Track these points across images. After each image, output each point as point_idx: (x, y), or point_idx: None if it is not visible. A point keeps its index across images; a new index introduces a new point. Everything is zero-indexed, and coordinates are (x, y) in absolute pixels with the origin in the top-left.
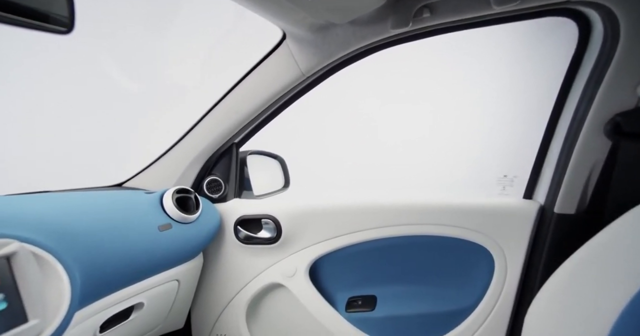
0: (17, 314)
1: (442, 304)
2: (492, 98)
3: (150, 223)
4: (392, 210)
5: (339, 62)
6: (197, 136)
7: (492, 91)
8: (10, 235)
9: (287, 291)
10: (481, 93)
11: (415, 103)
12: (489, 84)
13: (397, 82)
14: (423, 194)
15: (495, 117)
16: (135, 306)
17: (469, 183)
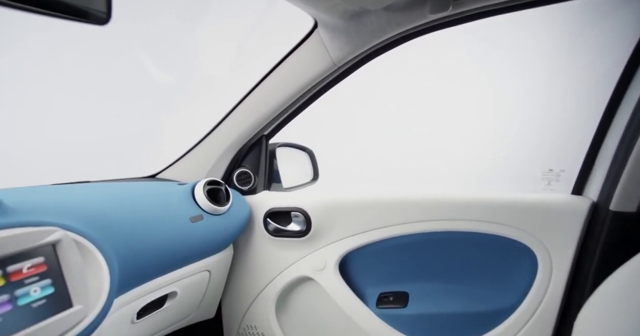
0: (63, 299)
1: (478, 304)
2: (537, 89)
3: (183, 214)
4: (426, 204)
5: (372, 50)
6: (227, 128)
7: (537, 80)
8: (55, 223)
9: (317, 285)
10: (525, 82)
11: (454, 93)
12: (533, 72)
13: (434, 69)
14: (460, 188)
15: (539, 108)
16: (169, 295)
17: (510, 177)
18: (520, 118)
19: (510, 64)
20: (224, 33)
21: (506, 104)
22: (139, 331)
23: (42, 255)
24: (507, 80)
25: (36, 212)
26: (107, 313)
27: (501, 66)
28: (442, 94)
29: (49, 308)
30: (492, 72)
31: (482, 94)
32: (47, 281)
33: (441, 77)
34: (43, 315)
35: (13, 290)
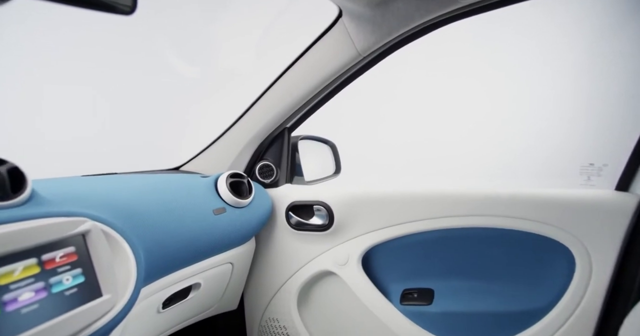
0: (93, 288)
1: (509, 303)
2: (575, 78)
3: (206, 207)
4: (454, 199)
5: (399, 39)
6: (249, 120)
7: (575, 69)
8: (85, 214)
9: (339, 280)
10: (562, 71)
11: (484, 81)
12: (571, 61)
13: (466, 56)
14: (490, 183)
15: (577, 100)
16: (193, 286)
17: (545, 172)
18: (554, 111)
19: (546, 52)
20: (247, 24)
21: (539, 95)
22: (164, 320)
23: (73, 245)
24: (541, 69)
25: (68, 203)
26: (135, 303)
27: (536, 54)
28: (473, 84)
29: (80, 297)
30: (526, 60)
31: (514, 84)
32: (78, 270)
33: (471, 66)
34: (75, 303)
35: (47, 278)
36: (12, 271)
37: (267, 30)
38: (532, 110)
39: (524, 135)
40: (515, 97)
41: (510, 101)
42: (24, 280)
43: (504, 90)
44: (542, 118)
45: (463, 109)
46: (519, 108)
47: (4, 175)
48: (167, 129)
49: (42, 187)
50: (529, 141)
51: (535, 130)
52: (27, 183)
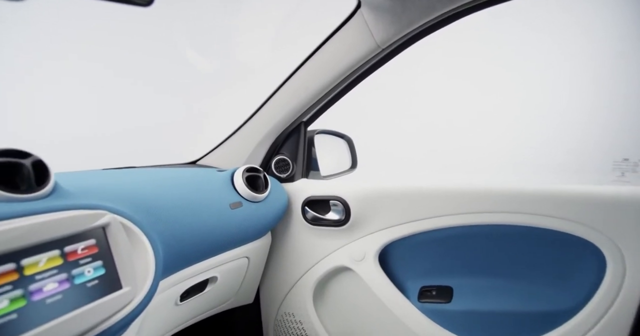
0: (114, 280)
1: (532, 303)
2: (610, 69)
3: (223, 201)
4: (476, 195)
5: (419, 30)
6: (265, 114)
7: (610, 59)
8: (105, 207)
9: (356, 276)
10: (591, 62)
11: (509, 72)
12: (608, 49)
13: (487, 47)
14: (515, 179)
15: (612, 92)
16: (210, 280)
17: (574, 167)
18: (584, 103)
19: (579, 41)
20: (264, 17)
21: (569, 86)
22: (182, 312)
23: (93, 238)
24: (575, 58)
25: (89, 196)
26: (154, 295)
27: (569, 44)
28: (497, 76)
29: (101, 289)
30: (559, 50)
31: (541, 78)
32: (99, 262)
33: (495, 58)
34: (96, 294)
35: (70, 270)
36: (37, 262)
37: (284, 23)
38: (560, 102)
39: (553, 131)
40: (543, 88)
41: (537, 92)
42: (48, 271)
43: (530, 81)
44: (573, 112)
45: (485, 102)
46: (545, 100)
47: (29, 167)
48: (184, 123)
49: (63, 179)
50: (557, 135)
51: (564, 123)
52: (50, 176)
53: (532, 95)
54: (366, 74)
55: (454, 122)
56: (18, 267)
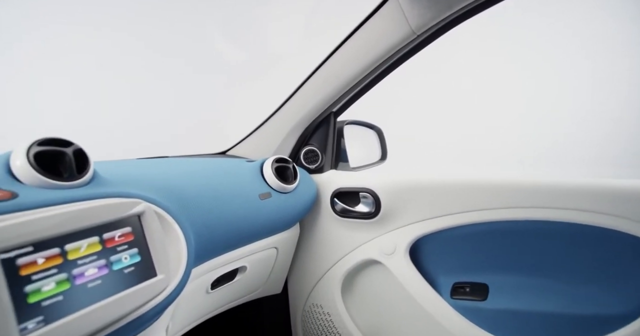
0: (149, 268)
1: (578, 306)
2: None
3: (252, 192)
4: (515, 189)
5: (457, 14)
6: (295, 104)
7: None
8: (140, 195)
9: (385, 270)
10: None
11: (542, 60)
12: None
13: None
14: (562, 172)
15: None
16: (240, 269)
17: (629, 161)
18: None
19: (609, 35)
20: (293, 6)
21: (602, 79)
22: (213, 300)
23: (129, 225)
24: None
25: (125, 184)
26: (186, 283)
27: (600, 37)
28: (529, 66)
29: (137, 275)
30: (590, 42)
31: (575, 67)
32: (135, 250)
33: (527, 46)
34: (133, 281)
35: (108, 256)
36: (79, 247)
37: (315, 10)
38: (597, 91)
39: (604, 121)
40: (576, 77)
41: (571, 82)
42: (89, 257)
43: (563, 70)
44: (609, 102)
45: (517, 93)
46: (580, 90)
47: (71, 156)
48: (214, 113)
49: (101, 168)
50: (612, 126)
51: (599, 114)
52: (90, 165)
53: (566, 85)
54: (399, 62)
55: (484, 113)
56: (62, 252)
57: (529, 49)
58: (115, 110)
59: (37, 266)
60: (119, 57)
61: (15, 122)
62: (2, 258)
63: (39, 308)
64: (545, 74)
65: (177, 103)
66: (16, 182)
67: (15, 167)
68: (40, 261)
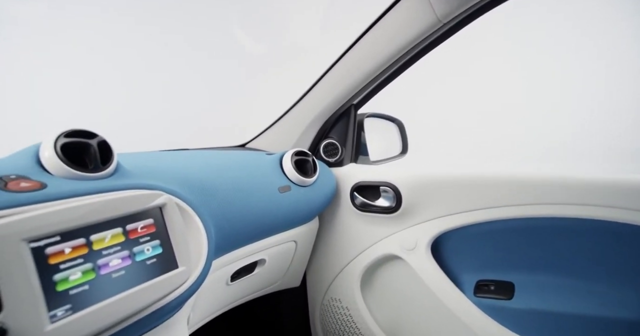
0: (170, 260)
1: (612, 309)
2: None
3: (272, 184)
4: (545, 184)
5: (485, 2)
6: (315, 96)
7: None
8: (161, 187)
9: (406, 265)
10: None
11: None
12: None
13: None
14: (595, 167)
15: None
16: (259, 262)
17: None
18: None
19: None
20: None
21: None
22: (232, 292)
23: (151, 217)
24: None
25: (147, 176)
26: (207, 275)
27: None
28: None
29: (159, 267)
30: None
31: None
32: (157, 241)
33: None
34: (155, 272)
35: (131, 247)
36: (103, 238)
37: (337, 0)
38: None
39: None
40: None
41: (600, 75)
42: (113, 247)
43: (588, 65)
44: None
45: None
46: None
47: (95, 147)
48: (233, 106)
49: (123, 160)
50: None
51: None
52: (114, 156)
53: (594, 79)
54: (423, 52)
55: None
56: (88, 242)
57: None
58: (136, 103)
59: (65, 255)
60: (141, 49)
61: (46, 113)
62: (32, 246)
63: (67, 297)
64: (564, 66)
65: (198, 96)
66: (45, 172)
67: (44, 158)
68: (67, 251)
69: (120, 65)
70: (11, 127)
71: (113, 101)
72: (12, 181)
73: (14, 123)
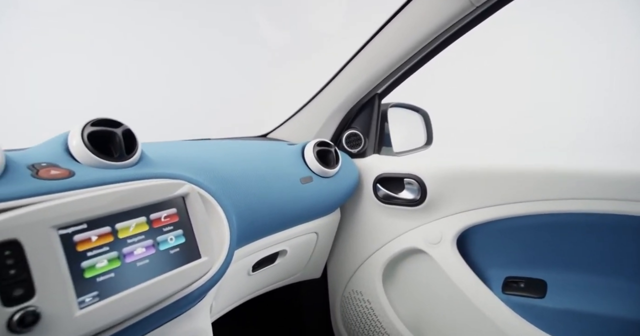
0: (193, 249)
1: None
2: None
3: (294, 175)
4: (580, 178)
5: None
6: (338, 86)
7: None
8: (184, 177)
9: (430, 260)
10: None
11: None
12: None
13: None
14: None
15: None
16: (280, 253)
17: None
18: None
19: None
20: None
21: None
22: (254, 282)
23: (174, 206)
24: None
25: (170, 165)
26: (229, 265)
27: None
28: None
29: (182, 256)
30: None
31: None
32: (180, 231)
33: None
34: (178, 262)
35: (155, 236)
36: (128, 226)
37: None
38: None
39: None
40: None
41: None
42: (137, 236)
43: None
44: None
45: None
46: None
47: (120, 136)
48: (255, 96)
49: (149, 149)
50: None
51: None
52: (138, 145)
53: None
54: (452, 38)
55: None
56: (113, 230)
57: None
58: (160, 92)
59: (91, 243)
60: (159, 40)
61: (79, 99)
62: (61, 233)
63: (94, 284)
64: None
65: (220, 87)
66: (73, 160)
67: (72, 146)
68: (93, 239)
69: (139, 55)
70: (43, 117)
71: (134, 91)
72: (43, 168)
73: (45, 113)
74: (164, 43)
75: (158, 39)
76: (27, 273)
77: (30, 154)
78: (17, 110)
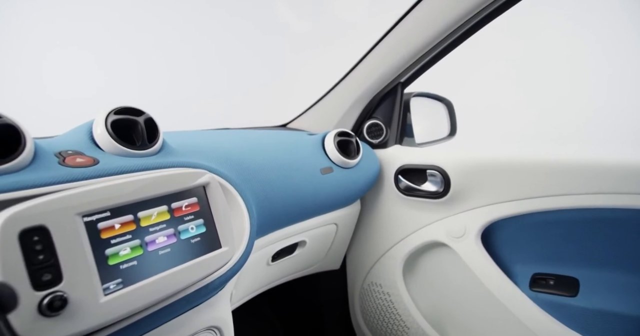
0: (214, 239)
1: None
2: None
3: (314, 166)
4: (616, 171)
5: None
6: (360, 74)
7: None
8: (205, 166)
9: (453, 254)
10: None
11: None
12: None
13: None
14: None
15: None
16: (299, 244)
17: None
18: None
19: None
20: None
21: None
22: (273, 272)
23: (195, 196)
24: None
25: (190, 155)
26: (249, 255)
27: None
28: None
29: (203, 246)
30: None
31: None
32: (200, 221)
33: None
34: (199, 251)
35: (176, 225)
36: (150, 215)
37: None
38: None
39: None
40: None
41: None
42: (159, 225)
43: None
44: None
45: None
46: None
47: (142, 125)
48: (275, 85)
49: (170, 138)
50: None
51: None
52: (160, 134)
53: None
54: (479, 25)
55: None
56: (135, 219)
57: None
58: (181, 79)
59: (115, 231)
60: (177, 28)
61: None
62: (86, 221)
63: (118, 271)
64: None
65: (240, 76)
66: (97, 148)
67: (96, 135)
68: (117, 227)
69: (162, 46)
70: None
71: (154, 81)
72: (69, 156)
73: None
74: (188, 33)
75: (182, 29)
76: (55, 259)
77: (57, 142)
78: (28, 101)
